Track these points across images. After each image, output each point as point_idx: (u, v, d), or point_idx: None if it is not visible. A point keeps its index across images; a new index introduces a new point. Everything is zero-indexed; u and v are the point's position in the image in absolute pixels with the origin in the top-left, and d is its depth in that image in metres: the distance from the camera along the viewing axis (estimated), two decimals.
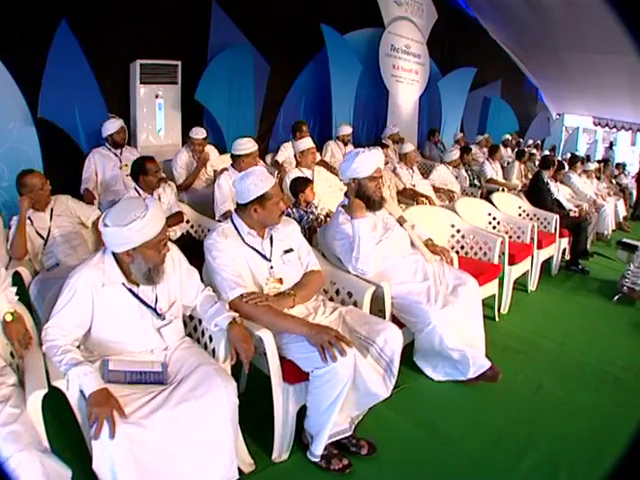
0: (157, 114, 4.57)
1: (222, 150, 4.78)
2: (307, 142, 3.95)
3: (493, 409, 2.34)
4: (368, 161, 2.47)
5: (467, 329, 2.48)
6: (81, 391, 1.51)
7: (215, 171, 4.17)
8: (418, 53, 7.46)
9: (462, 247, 3.39)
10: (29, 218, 2.55)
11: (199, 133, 4.06)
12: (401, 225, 2.67)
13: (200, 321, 1.98)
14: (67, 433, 1.72)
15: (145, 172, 2.95)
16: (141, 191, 3.00)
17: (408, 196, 4.28)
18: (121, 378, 1.62)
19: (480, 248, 3.29)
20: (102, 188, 3.62)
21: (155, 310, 1.76)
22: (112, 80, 4.26)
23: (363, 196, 2.50)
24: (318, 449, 1.88)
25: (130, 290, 1.72)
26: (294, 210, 3.12)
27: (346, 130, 5.44)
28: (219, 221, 3.11)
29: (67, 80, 3.68)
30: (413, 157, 4.61)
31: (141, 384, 1.63)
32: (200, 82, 4.47)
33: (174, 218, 3.09)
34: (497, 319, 3.29)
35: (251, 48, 4.93)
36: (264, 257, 2.08)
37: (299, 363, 1.87)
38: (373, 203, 2.52)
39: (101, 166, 3.64)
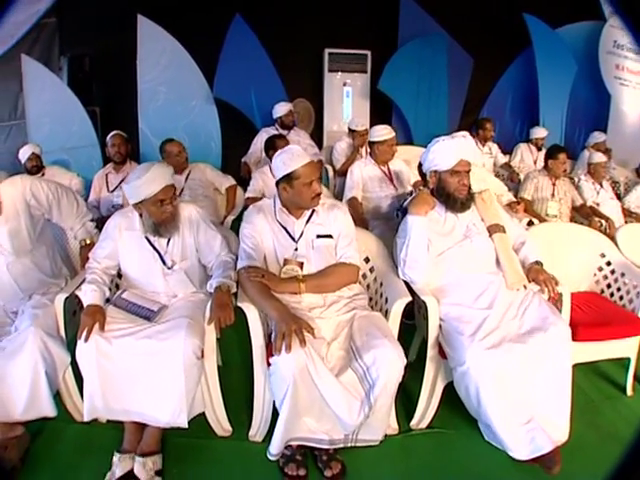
0: (344, 101, 4.81)
1: (409, 142, 4.71)
2: None
3: None
4: (448, 151, 2.07)
5: (532, 390, 1.80)
6: None
7: None
8: None
9: (608, 286, 2.46)
10: None
11: (360, 125, 4.04)
12: (490, 235, 2.14)
13: None
14: None
15: (274, 148, 3.20)
16: None
17: (584, 215, 3.39)
18: (123, 305, 1.95)
19: (627, 292, 2.32)
20: (263, 163, 4.07)
21: (162, 259, 1.99)
22: (298, 67, 4.69)
23: (442, 193, 2.12)
24: (273, 447, 1.73)
25: (146, 238, 1.99)
26: None
27: (540, 133, 4.75)
28: None
29: (243, 66, 4.24)
30: (601, 170, 3.60)
31: (134, 314, 1.91)
32: (384, 72, 4.49)
33: None
34: (629, 392, 2.29)
35: (446, 39, 4.69)
36: (292, 237, 2.04)
37: None
38: (454, 202, 2.11)
39: None
